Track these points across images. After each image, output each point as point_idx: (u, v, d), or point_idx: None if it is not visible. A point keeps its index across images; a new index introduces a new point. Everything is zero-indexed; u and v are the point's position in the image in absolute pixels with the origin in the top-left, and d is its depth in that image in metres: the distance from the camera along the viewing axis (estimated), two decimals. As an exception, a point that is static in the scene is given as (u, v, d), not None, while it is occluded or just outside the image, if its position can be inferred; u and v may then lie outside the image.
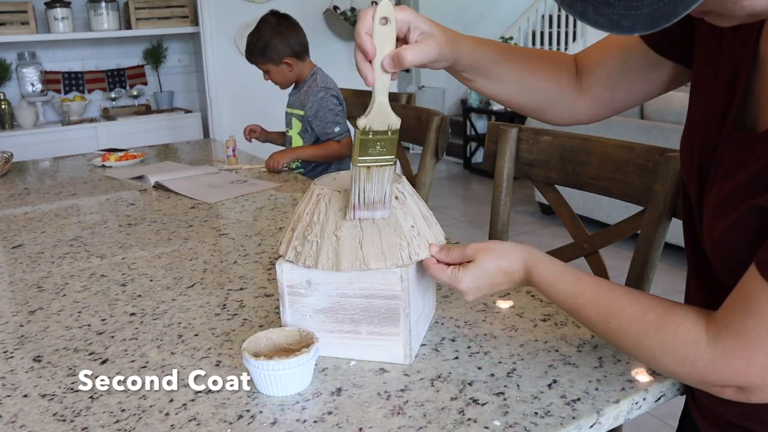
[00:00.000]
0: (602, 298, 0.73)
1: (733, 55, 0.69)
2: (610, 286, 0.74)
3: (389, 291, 0.81)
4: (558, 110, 0.92)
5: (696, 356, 0.64)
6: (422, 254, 0.83)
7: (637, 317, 0.69)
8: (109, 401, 0.79)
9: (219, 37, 3.77)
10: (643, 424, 2.07)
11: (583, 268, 1.31)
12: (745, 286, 0.61)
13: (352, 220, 0.80)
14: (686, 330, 0.65)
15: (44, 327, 1.01)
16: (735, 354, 0.61)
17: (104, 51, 3.92)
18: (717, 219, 0.67)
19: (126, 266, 1.27)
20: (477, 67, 0.84)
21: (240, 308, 1.04)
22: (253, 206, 1.70)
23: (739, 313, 0.61)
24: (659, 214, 1.07)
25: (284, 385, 0.77)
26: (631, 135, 3.34)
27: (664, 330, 0.66)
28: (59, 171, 2.31)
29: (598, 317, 0.73)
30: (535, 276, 0.79)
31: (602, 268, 1.24)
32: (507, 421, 0.71)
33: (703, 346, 0.63)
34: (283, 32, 2.26)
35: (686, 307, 0.68)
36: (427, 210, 0.90)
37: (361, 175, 0.78)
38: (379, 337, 0.84)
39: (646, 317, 0.68)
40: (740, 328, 0.61)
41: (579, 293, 0.75)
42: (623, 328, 0.70)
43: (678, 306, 0.68)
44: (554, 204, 1.33)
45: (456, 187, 5.46)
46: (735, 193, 0.64)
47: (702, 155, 0.72)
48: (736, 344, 0.61)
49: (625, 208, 1.47)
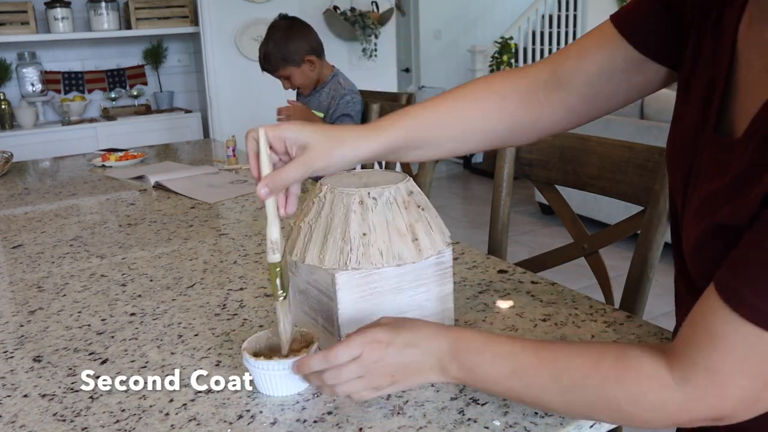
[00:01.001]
0: (546, 353, 0.65)
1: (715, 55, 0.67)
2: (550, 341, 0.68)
3: (328, 290, 0.83)
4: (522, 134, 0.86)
5: (666, 401, 0.59)
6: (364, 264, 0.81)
7: (590, 368, 0.62)
8: (109, 401, 0.79)
9: (219, 37, 3.77)
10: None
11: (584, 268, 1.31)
12: (706, 316, 0.58)
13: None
14: (648, 374, 0.60)
15: (44, 327, 1.01)
16: (707, 392, 0.58)
17: (104, 51, 3.92)
18: (692, 228, 0.65)
19: (126, 266, 1.27)
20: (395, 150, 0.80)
21: (240, 308, 1.04)
22: (253, 206, 1.70)
23: (705, 348, 0.57)
24: (659, 214, 1.08)
25: (284, 385, 0.77)
26: (631, 135, 3.34)
27: (625, 379, 0.61)
28: (59, 171, 2.31)
29: (546, 375, 0.64)
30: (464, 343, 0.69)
31: (602, 268, 1.24)
32: (507, 421, 0.71)
33: (671, 389, 0.59)
34: (299, 31, 2.22)
35: (639, 347, 0.63)
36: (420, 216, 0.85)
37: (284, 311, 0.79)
38: (324, 330, 0.87)
39: (601, 366, 0.62)
40: (709, 365, 0.57)
41: (519, 350, 0.66)
42: (578, 383, 0.63)
43: (629, 347, 0.64)
44: (554, 204, 1.33)
45: (456, 187, 5.47)
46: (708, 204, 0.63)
47: (685, 159, 0.70)
48: (707, 382, 0.57)
49: (625, 208, 1.47)
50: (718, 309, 0.56)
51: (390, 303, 0.86)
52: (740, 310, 0.55)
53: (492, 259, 1.21)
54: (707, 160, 0.66)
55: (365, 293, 0.84)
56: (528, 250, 3.63)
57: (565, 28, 6.81)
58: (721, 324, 0.56)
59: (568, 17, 6.79)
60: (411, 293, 0.86)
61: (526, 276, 1.12)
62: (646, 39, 0.77)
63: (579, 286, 1.15)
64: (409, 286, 0.86)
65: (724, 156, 0.62)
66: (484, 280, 1.11)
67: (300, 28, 2.23)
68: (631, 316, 0.95)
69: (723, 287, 0.57)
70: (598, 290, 1.22)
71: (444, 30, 6.84)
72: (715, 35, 0.68)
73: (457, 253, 1.23)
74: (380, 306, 0.85)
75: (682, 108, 0.74)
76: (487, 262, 1.19)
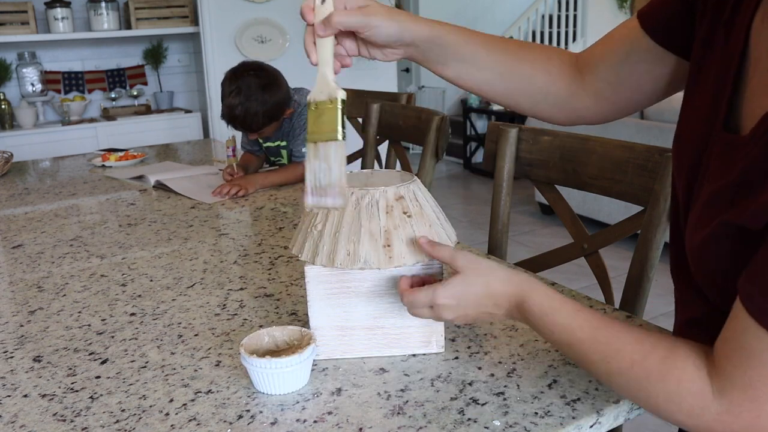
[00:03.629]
0: (602, 334, 0.68)
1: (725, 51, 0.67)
2: (610, 321, 0.69)
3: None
4: (555, 105, 0.87)
5: (703, 408, 0.60)
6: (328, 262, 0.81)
7: (638, 359, 0.64)
8: (109, 401, 0.79)
9: (219, 37, 3.77)
10: (643, 424, 2.07)
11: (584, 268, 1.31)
12: (738, 333, 0.58)
13: (308, 208, 0.78)
14: (690, 379, 0.61)
15: (44, 327, 1.01)
16: (743, 407, 0.58)
17: (104, 51, 3.91)
18: (696, 228, 0.65)
19: (126, 266, 1.27)
20: (442, 46, 0.80)
21: (240, 308, 1.04)
22: (253, 206, 1.70)
23: (739, 364, 0.58)
24: (659, 214, 1.07)
25: (279, 384, 0.77)
26: (631, 135, 3.34)
27: (667, 378, 0.62)
28: (59, 171, 2.31)
29: (597, 355, 0.67)
30: (529, 304, 0.72)
31: (602, 268, 1.24)
32: (507, 421, 0.71)
33: (709, 398, 0.60)
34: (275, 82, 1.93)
35: (688, 349, 0.64)
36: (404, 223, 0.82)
37: (310, 153, 0.76)
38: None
39: (648, 361, 0.64)
40: (745, 382, 0.58)
41: (577, 326, 0.69)
42: (624, 371, 0.65)
43: (680, 347, 0.64)
44: (554, 204, 1.33)
45: (456, 187, 5.46)
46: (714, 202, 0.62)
47: (692, 155, 0.70)
48: (743, 398, 0.58)
49: (625, 208, 1.47)
50: (749, 325, 0.56)
51: (365, 306, 0.85)
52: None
53: (492, 259, 1.21)
54: (715, 156, 0.65)
55: (336, 290, 0.85)
56: (528, 250, 3.63)
57: (565, 28, 6.81)
58: (753, 340, 0.56)
59: (568, 17, 6.79)
60: (391, 300, 0.85)
61: (526, 276, 1.11)
62: (665, 31, 0.78)
63: (579, 286, 1.16)
64: (390, 293, 0.85)
65: (731, 153, 0.62)
66: (484, 280, 1.11)
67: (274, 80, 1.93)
68: (631, 316, 0.95)
69: (750, 303, 0.56)
70: (598, 290, 1.22)
71: (444, 30, 6.83)
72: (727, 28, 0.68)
73: (457, 253, 1.23)
74: (353, 307, 0.85)
75: (691, 101, 0.73)
76: (487, 262, 1.19)
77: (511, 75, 0.84)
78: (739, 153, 0.60)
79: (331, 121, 0.75)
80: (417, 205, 0.83)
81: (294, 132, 2.01)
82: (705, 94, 0.70)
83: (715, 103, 0.67)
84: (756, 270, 0.56)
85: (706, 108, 0.69)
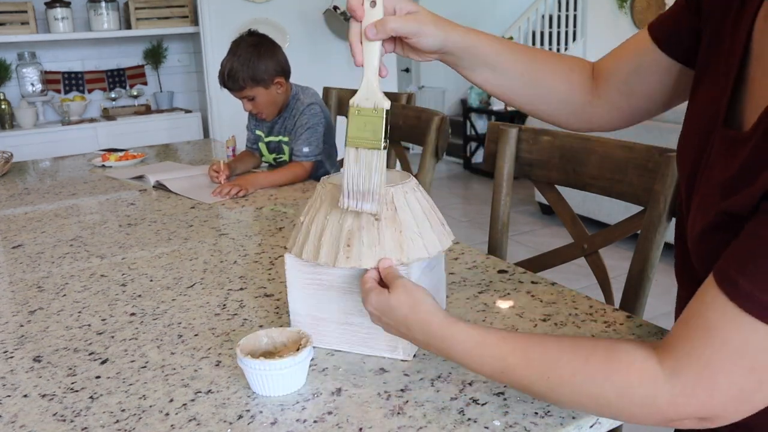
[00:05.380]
0: (534, 351, 0.66)
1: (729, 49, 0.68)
2: (540, 337, 0.68)
3: None
4: (572, 113, 0.90)
5: (655, 395, 0.58)
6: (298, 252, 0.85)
7: (579, 365, 0.62)
8: (109, 401, 0.79)
9: (219, 37, 3.76)
10: (643, 424, 2.07)
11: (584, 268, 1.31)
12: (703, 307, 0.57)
13: (343, 210, 0.80)
14: (638, 368, 0.60)
15: (44, 327, 1.01)
16: (697, 386, 0.57)
17: (104, 51, 3.91)
18: (696, 220, 0.66)
19: (126, 266, 1.27)
20: (475, 55, 0.83)
21: (240, 308, 1.04)
22: (253, 206, 1.70)
23: (698, 340, 0.57)
24: (659, 214, 1.08)
25: (274, 386, 0.77)
26: (631, 135, 3.33)
27: (614, 373, 0.61)
28: (59, 171, 2.31)
29: (535, 375, 0.65)
30: (450, 342, 0.70)
31: (602, 268, 1.24)
32: (507, 421, 0.71)
33: (661, 381, 0.58)
34: (269, 49, 2.03)
35: (629, 343, 0.63)
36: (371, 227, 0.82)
37: (350, 156, 0.77)
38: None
39: (590, 362, 0.62)
40: (701, 358, 0.56)
41: (507, 352, 0.67)
42: (567, 380, 0.63)
43: (619, 343, 0.63)
44: (554, 204, 1.33)
45: (456, 187, 5.46)
46: (712, 196, 0.63)
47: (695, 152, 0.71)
48: (698, 375, 0.57)
49: (625, 208, 1.47)
50: (716, 300, 0.56)
51: (336, 300, 0.87)
52: (738, 300, 0.54)
53: (492, 259, 1.21)
54: (716, 152, 0.66)
55: (310, 281, 0.88)
56: (528, 250, 3.63)
57: (565, 28, 6.80)
58: (718, 315, 0.56)
59: (568, 17, 6.79)
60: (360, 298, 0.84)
61: (526, 276, 1.12)
62: (675, 43, 0.80)
63: (579, 286, 1.16)
64: (359, 291, 0.84)
65: (732, 149, 0.63)
66: (484, 280, 1.11)
67: (270, 47, 2.05)
68: (631, 316, 0.95)
69: (722, 278, 0.56)
70: (598, 290, 1.22)
71: (444, 30, 6.83)
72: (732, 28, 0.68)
73: (457, 253, 1.23)
74: (326, 300, 0.88)
75: (695, 99, 0.75)
76: (487, 262, 1.19)
77: (535, 84, 0.87)
78: (739, 148, 0.61)
79: (376, 130, 0.76)
80: (392, 208, 0.82)
81: (296, 131, 2.02)
82: (708, 92, 0.71)
83: (717, 100, 0.68)
84: (734, 249, 0.56)
85: (709, 105, 0.70)
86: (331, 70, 3.99)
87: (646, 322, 0.93)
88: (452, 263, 1.19)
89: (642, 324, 0.93)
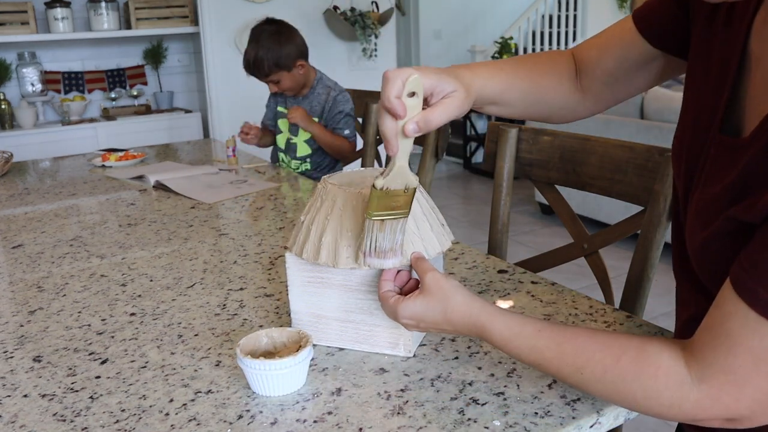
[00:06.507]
0: (569, 347, 0.68)
1: (724, 51, 0.67)
2: (574, 332, 0.69)
3: None
4: (563, 114, 0.93)
5: (682, 398, 0.61)
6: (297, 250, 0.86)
7: (610, 363, 0.65)
8: (109, 401, 0.79)
9: (219, 37, 3.77)
10: (643, 424, 2.07)
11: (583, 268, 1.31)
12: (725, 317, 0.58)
13: (362, 267, 0.82)
14: (666, 371, 0.62)
15: (44, 327, 1.01)
16: (723, 391, 0.59)
17: (104, 51, 3.91)
18: (695, 227, 0.65)
19: (126, 266, 1.27)
20: (482, 96, 0.83)
21: (240, 308, 1.04)
22: (253, 206, 1.70)
23: (722, 349, 0.58)
24: (659, 214, 1.08)
25: (274, 386, 0.77)
26: (631, 135, 3.34)
27: (643, 374, 0.63)
28: (59, 171, 2.31)
29: (569, 369, 0.68)
30: (490, 333, 0.73)
31: (602, 268, 1.24)
32: (507, 421, 0.71)
33: (687, 386, 0.60)
34: (288, 35, 2.22)
35: (660, 343, 0.64)
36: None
37: (374, 228, 0.78)
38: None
39: (621, 362, 0.64)
40: (726, 366, 0.58)
41: (543, 346, 0.70)
42: (598, 377, 0.66)
43: (650, 343, 0.65)
44: (554, 204, 1.33)
45: (456, 187, 5.46)
46: (713, 203, 0.63)
47: (689, 156, 0.71)
48: (723, 382, 0.58)
49: (625, 208, 1.47)
50: (737, 309, 0.57)
51: (337, 298, 0.88)
52: (758, 308, 0.55)
53: (492, 259, 1.21)
54: (712, 159, 0.66)
55: (311, 279, 0.88)
56: (528, 250, 3.63)
57: (565, 28, 6.80)
58: (740, 325, 0.57)
59: (568, 17, 6.79)
60: (361, 296, 0.86)
61: (526, 276, 1.12)
62: (660, 34, 0.80)
63: (579, 286, 1.16)
64: (360, 290, 0.86)
65: (730, 156, 0.62)
66: (484, 280, 1.11)
67: (289, 32, 2.24)
68: (631, 316, 0.95)
69: (741, 288, 0.57)
70: (598, 290, 1.22)
71: (444, 30, 6.84)
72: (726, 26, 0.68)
73: (457, 253, 1.23)
74: (327, 298, 0.88)
75: (688, 104, 0.74)
76: (487, 262, 1.19)
77: (535, 103, 0.91)
78: (739, 155, 0.60)
79: (405, 204, 0.77)
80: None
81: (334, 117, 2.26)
82: (702, 97, 0.70)
83: (712, 105, 0.68)
84: (748, 255, 0.57)
85: (703, 110, 0.69)
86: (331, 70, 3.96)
87: (646, 322, 0.93)
88: (452, 263, 1.19)
89: (642, 324, 0.93)
